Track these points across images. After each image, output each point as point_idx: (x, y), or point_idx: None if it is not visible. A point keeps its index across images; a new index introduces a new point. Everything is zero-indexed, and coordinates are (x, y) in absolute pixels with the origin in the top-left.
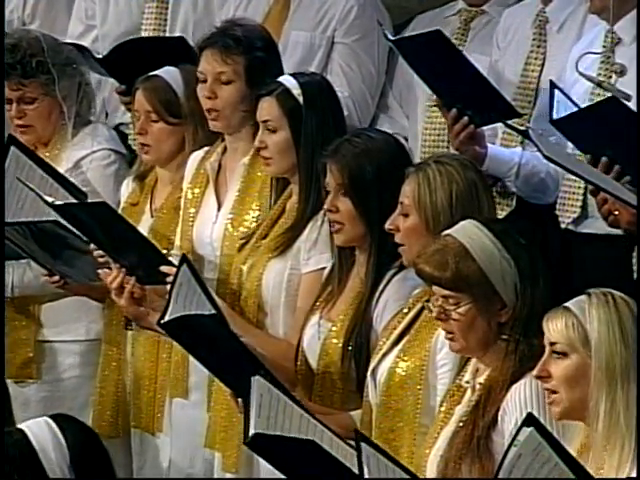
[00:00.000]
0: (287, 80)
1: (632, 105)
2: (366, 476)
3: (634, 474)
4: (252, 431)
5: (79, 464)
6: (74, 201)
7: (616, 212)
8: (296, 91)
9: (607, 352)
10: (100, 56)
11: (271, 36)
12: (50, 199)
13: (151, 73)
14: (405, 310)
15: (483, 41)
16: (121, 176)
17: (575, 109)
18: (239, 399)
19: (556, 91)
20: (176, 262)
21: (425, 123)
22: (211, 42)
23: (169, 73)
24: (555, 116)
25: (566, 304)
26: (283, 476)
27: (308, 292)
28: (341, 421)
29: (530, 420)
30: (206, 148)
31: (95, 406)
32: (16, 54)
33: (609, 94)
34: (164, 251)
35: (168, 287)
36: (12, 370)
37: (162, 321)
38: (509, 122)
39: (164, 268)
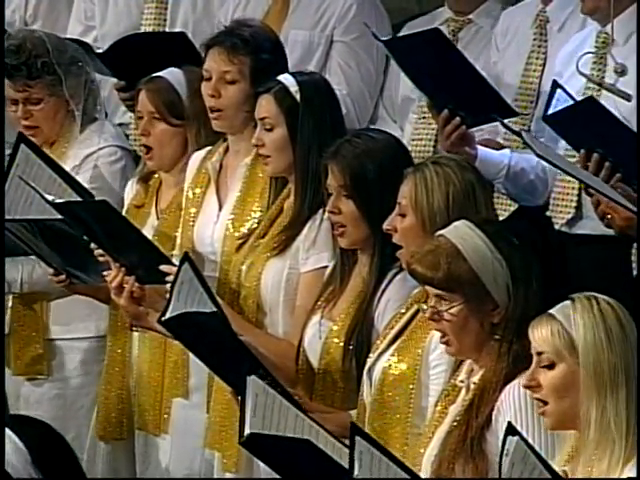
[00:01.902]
0: (285, 78)
1: (632, 105)
2: (356, 472)
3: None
4: (247, 431)
5: (42, 462)
6: (74, 199)
7: (609, 215)
8: (294, 89)
9: (594, 358)
10: (100, 51)
11: (278, 38)
12: (50, 197)
13: (154, 74)
14: (402, 310)
15: (472, 53)
16: (128, 172)
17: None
18: (240, 397)
19: (558, 90)
20: (177, 262)
21: (412, 135)
22: (218, 41)
23: (172, 74)
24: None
25: (550, 311)
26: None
27: (307, 291)
28: (342, 420)
29: (512, 429)
30: (208, 148)
31: (99, 409)
32: (21, 55)
33: (604, 92)
34: (171, 252)
35: (168, 286)
36: (22, 367)
37: (163, 318)
38: (505, 121)
39: (164, 267)
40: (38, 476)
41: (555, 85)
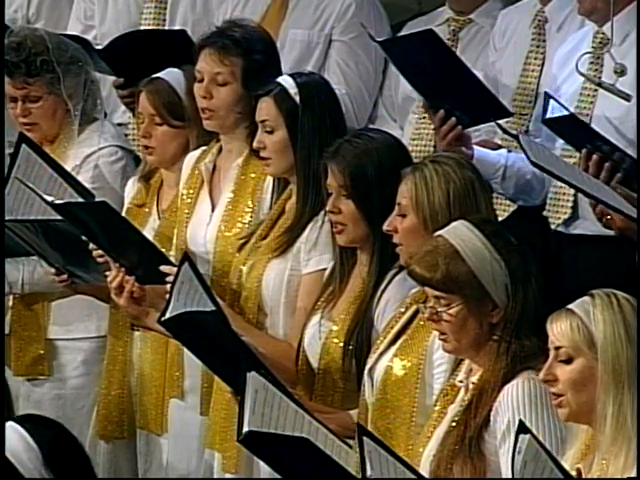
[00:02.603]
0: (285, 80)
1: (626, 109)
2: (369, 472)
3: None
4: (246, 428)
5: (54, 461)
6: (74, 200)
7: (608, 216)
8: (293, 91)
9: (613, 354)
10: (100, 47)
11: (272, 38)
12: (50, 198)
13: (154, 76)
14: (402, 310)
15: (473, 53)
16: (129, 172)
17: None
18: (239, 397)
19: (551, 101)
20: (174, 262)
21: (412, 134)
22: (210, 42)
23: (172, 75)
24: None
25: (570, 306)
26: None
27: (308, 293)
28: (342, 420)
29: (523, 427)
30: (202, 148)
31: (100, 408)
32: (21, 53)
33: (602, 93)
34: (169, 253)
35: (168, 287)
36: (22, 367)
37: (162, 318)
38: (503, 124)
39: (164, 268)
40: (50, 476)
41: (548, 97)
